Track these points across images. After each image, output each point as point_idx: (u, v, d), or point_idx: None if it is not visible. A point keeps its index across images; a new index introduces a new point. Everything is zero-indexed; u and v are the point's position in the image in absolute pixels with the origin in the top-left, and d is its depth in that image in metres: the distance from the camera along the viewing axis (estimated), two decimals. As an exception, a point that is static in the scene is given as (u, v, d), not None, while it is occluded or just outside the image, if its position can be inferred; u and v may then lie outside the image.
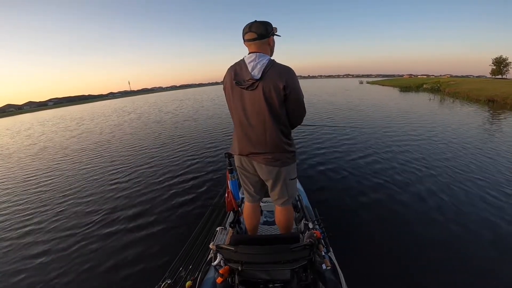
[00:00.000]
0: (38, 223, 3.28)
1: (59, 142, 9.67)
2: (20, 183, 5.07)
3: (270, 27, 1.31)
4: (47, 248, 2.73)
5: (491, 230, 2.46)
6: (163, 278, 1.39)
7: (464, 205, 2.93)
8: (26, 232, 3.08)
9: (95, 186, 4.43)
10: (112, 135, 9.74)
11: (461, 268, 2.05)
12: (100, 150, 7.37)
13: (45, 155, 7.60)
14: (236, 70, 1.30)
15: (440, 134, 6.24)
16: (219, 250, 1.12)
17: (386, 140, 5.88)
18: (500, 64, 50.47)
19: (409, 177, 3.76)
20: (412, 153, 4.88)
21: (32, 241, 2.85)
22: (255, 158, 1.37)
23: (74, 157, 6.86)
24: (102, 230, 2.97)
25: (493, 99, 12.71)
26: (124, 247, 2.60)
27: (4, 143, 11.81)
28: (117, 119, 16.20)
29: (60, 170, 5.74)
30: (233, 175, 1.77)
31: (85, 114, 26.77)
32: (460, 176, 3.70)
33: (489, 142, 5.47)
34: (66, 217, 3.38)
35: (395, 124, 7.75)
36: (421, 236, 2.47)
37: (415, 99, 15.92)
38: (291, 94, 1.26)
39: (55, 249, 2.70)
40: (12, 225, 3.28)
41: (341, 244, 2.02)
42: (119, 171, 5.17)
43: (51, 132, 13.60)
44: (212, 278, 1.23)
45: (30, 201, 4.06)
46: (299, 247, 1.05)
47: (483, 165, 4.05)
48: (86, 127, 13.80)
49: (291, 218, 1.58)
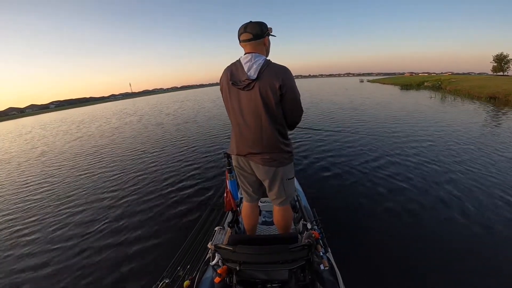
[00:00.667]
0: (35, 232, 3.16)
1: (59, 146, 9.68)
2: (18, 189, 5.04)
3: (265, 27, 1.31)
4: (44, 247, 2.74)
5: (491, 229, 2.45)
6: (161, 278, 1.39)
7: (468, 204, 2.91)
8: (23, 242, 2.98)
9: (93, 182, 4.49)
10: (111, 139, 9.68)
11: (461, 269, 2.04)
12: (100, 151, 7.41)
13: (44, 160, 7.57)
14: (232, 71, 1.31)
15: (436, 133, 6.22)
16: (217, 250, 1.12)
17: (385, 140, 5.86)
18: (501, 61, 50.29)
19: (409, 177, 3.73)
20: (411, 153, 4.86)
21: (29, 252, 2.75)
22: (252, 158, 1.37)
23: (76, 161, 6.86)
24: (101, 230, 2.97)
25: (495, 96, 12.60)
26: (122, 247, 2.61)
27: (5, 147, 11.87)
28: (118, 122, 16.29)
29: (59, 175, 5.73)
30: (232, 175, 1.77)
31: (86, 117, 26.90)
32: (460, 176, 3.68)
33: (490, 136, 5.46)
34: (66, 217, 3.39)
35: (393, 124, 7.72)
36: (420, 236, 2.46)
37: (415, 97, 15.79)
38: (287, 94, 1.26)
39: (53, 244, 2.72)
40: (7, 234, 3.16)
41: (339, 244, 2.01)
42: (118, 170, 5.19)
43: (51, 136, 13.67)
44: (210, 277, 1.24)
45: (27, 209, 3.94)
46: (297, 247, 1.05)
47: (478, 159, 4.04)
48: (86, 130, 13.86)
49: (289, 218, 1.58)
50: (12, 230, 3.27)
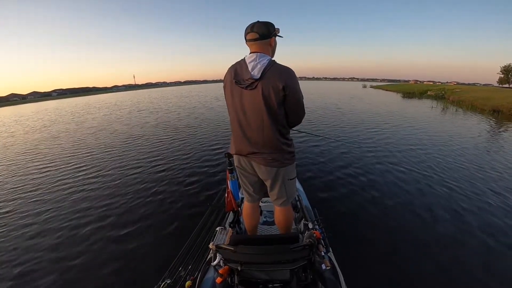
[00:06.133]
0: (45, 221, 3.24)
1: (71, 133, 9.64)
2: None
3: (272, 27, 1.31)
4: (50, 241, 2.75)
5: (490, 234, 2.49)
6: (163, 278, 1.40)
7: (467, 208, 2.99)
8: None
9: (95, 183, 4.46)
10: (114, 134, 9.53)
11: (461, 270, 2.07)
12: (102, 147, 7.44)
13: (43, 149, 7.61)
14: (236, 69, 1.31)
15: (426, 137, 6.25)
16: (218, 250, 1.12)
17: (385, 143, 5.96)
18: (509, 72, 49.67)
19: (410, 179, 3.83)
20: (411, 156, 4.94)
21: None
22: (253, 158, 1.37)
23: (89, 151, 6.88)
24: (101, 230, 2.95)
25: (498, 109, 12.37)
26: (122, 247, 2.60)
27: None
28: (122, 114, 16.19)
29: (63, 166, 5.75)
30: (233, 175, 1.77)
31: (87, 106, 26.77)
32: (460, 176, 3.79)
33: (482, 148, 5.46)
34: (66, 216, 3.38)
35: (390, 130, 7.75)
36: (421, 237, 2.49)
37: (416, 106, 15.52)
38: (290, 95, 1.26)
39: (57, 244, 2.72)
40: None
41: (340, 244, 2.04)
42: (118, 169, 5.18)
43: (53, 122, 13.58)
44: (212, 278, 1.24)
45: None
46: (298, 247, 1.06)
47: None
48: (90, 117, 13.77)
49: (291, 218, 1.59)
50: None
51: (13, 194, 4.08)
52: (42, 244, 2.73)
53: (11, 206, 3.64)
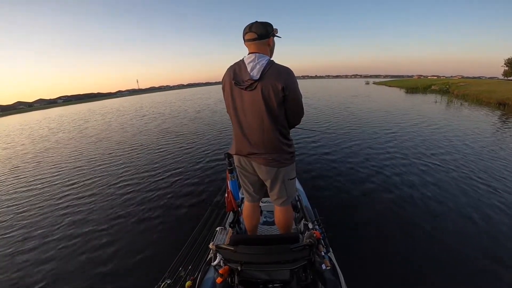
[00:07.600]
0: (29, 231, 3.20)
1: (70, 138, 9.79)
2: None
3: (270, 28, 1.32)
4: (50, 246, 2.79)
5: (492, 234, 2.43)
6: (163, 278, 1.40)
7: (468, 207, 2.91)
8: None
9: (96, 183, 4.53)
10: (114, 138, 9.60)
11: (462, 270, 2.03)
12: (105, 150, 7.53)
13: (48, 155, 7.74)
14: (235, 70, 1.31)
15: (426, 128, 6.16)
16: (218, 250, 1.12)
17: (385, 142, 5.86)
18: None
19: (410, 179, 3.75)
20: (410, 153, 4.87)
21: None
22: (254, 158, 1.38)
23: (89, 155, 6.98)
24: (101, 230, 2.98)
25: (504, 102, 12.18)
26: (123, 247, 2.62)
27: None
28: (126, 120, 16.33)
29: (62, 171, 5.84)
30: (233, 175, 1.77)
31: (90, 113, 27.12)
32: (461, 175, 3.70)
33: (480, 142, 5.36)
34: (66, 216, 3.43)
35: (392, 126, 7.67)
36: (421, 237, 2.46)
37: (419, 101, 15.27)
38: (290, 95, 1.26)
39: (58, 247, 2.75)
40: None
41: (341, 244, 2.02)
42: (119, 169, 5.25)
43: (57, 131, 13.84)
44: (212, 278, 1.24)
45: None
46: (298, 247, 1.05)
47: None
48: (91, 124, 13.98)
49: (291, 218, 1.58)
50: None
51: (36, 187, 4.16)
52: (42, 244, 2.78)
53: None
